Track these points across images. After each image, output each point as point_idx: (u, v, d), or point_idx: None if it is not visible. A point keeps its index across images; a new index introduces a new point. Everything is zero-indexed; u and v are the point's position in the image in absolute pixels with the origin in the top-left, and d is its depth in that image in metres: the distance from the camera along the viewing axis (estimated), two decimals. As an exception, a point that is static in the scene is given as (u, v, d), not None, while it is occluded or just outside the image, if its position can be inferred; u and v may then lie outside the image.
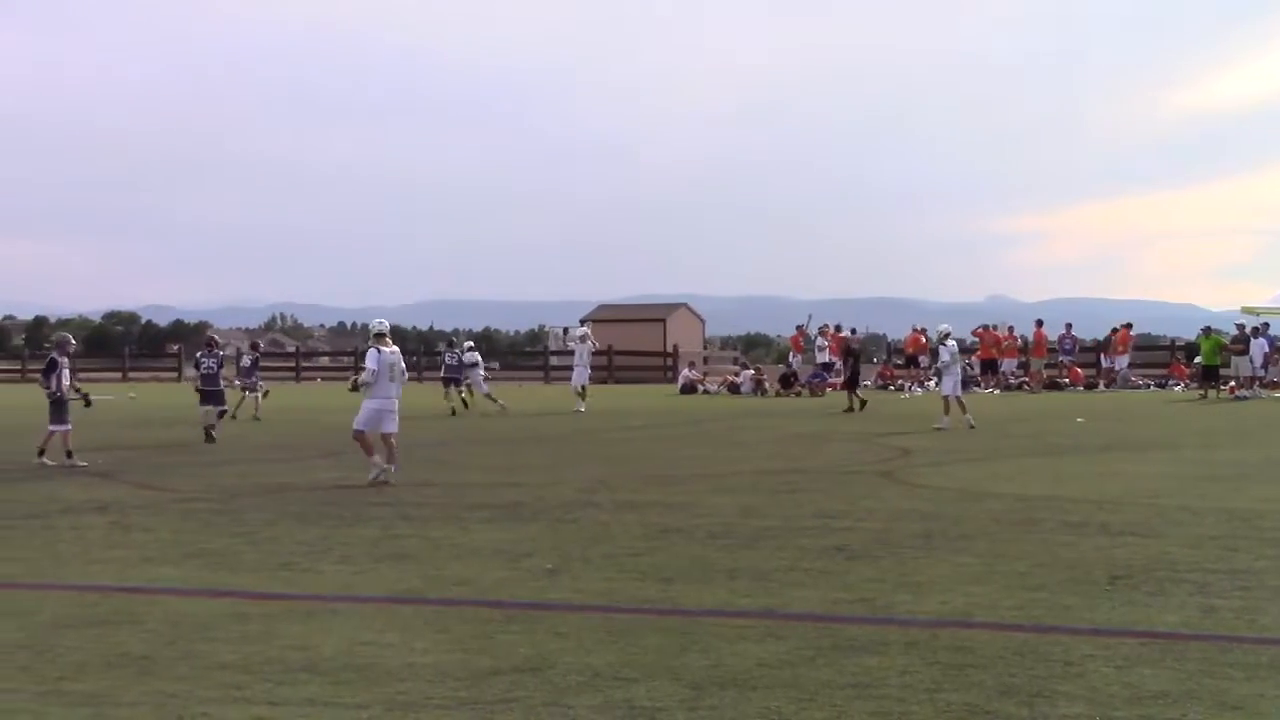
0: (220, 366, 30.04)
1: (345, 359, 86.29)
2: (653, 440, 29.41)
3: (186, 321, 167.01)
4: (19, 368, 76.07)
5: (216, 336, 33.58)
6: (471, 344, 43.26)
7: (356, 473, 20.61)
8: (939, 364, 32.64)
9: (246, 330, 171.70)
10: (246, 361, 38.53)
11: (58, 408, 23.28)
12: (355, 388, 20.74)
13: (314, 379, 67.45)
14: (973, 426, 29.50)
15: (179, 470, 21.87)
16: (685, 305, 75.19)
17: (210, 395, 29.23)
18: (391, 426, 20.01)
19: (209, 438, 28.00)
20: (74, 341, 25.15)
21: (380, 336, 20.45)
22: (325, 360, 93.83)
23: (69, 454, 22.88)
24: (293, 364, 79.36)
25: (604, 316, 70.25)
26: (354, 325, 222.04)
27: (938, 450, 24.89)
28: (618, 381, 58.95)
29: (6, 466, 22.69)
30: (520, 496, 17.70)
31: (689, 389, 50.87)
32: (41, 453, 22.89)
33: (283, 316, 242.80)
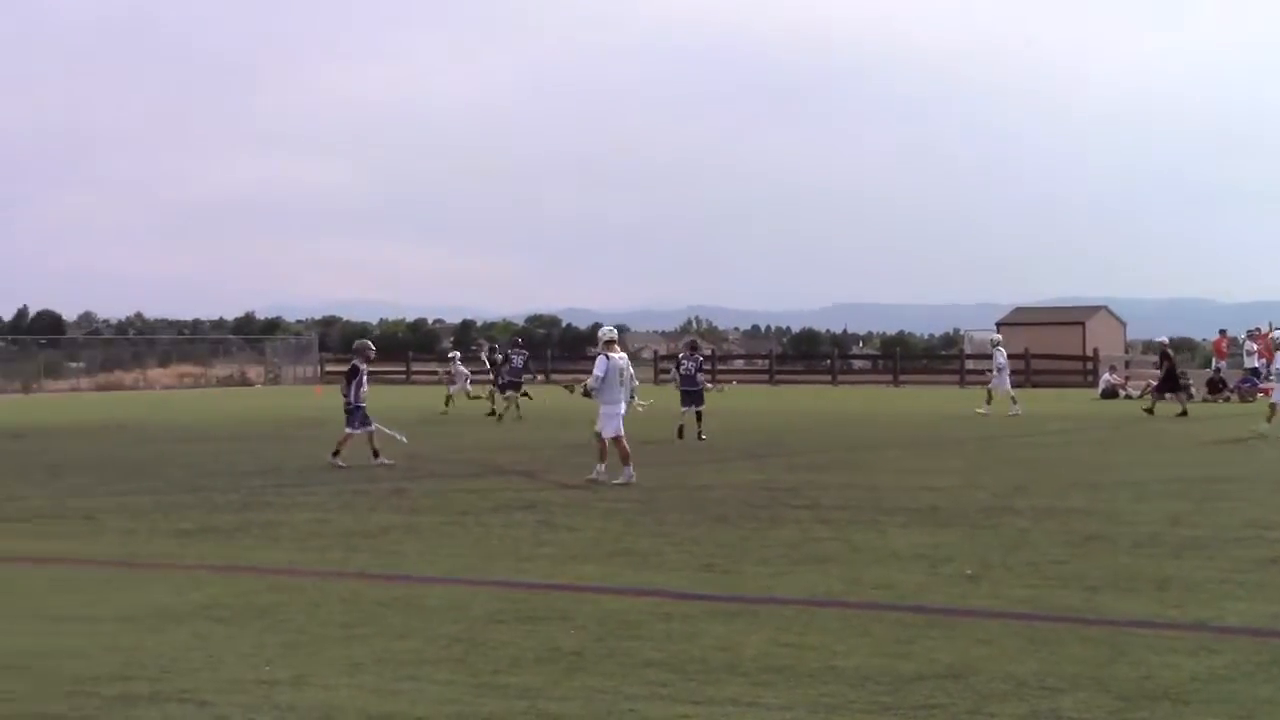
0: (699, 369, 30.93)
1: (760, 362, 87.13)
2: (1072, 445, 28.72)
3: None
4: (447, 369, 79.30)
5: (696, 339, 34.59)
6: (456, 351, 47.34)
7: (778, 475, 20.88)
8: (1275, 370, 30.99)
9: (662, 333, 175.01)
10: (518, 361, 39.39)
11: (355, 413, 24.22)
12: (587, 393, 21.06)
13: (729, 381, 68.19)
14: None
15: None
16: (1105, 308, 73.10)
17: (690, 395, 29.98)
18: (619, 429, 20.57)
19: (690, 435, 29.28)
20: (373, 348, 26.11)
21: (609, 344, 20.98)
22: (739, 363, 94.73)
23: (375, 454, 23.75)
24: (709, 367, 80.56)
25: (1020, 320, 68.99)
26: (767, 328, 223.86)
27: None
28: (1035, 385, 57.69)
29: (448, 465, 23.68)
30: (937, 501, 17.53)
31: (1110, 394, 49.40)
32: (336, 454, 23.75)
33: (698, 319, 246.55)
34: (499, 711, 7.81)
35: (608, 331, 21.66)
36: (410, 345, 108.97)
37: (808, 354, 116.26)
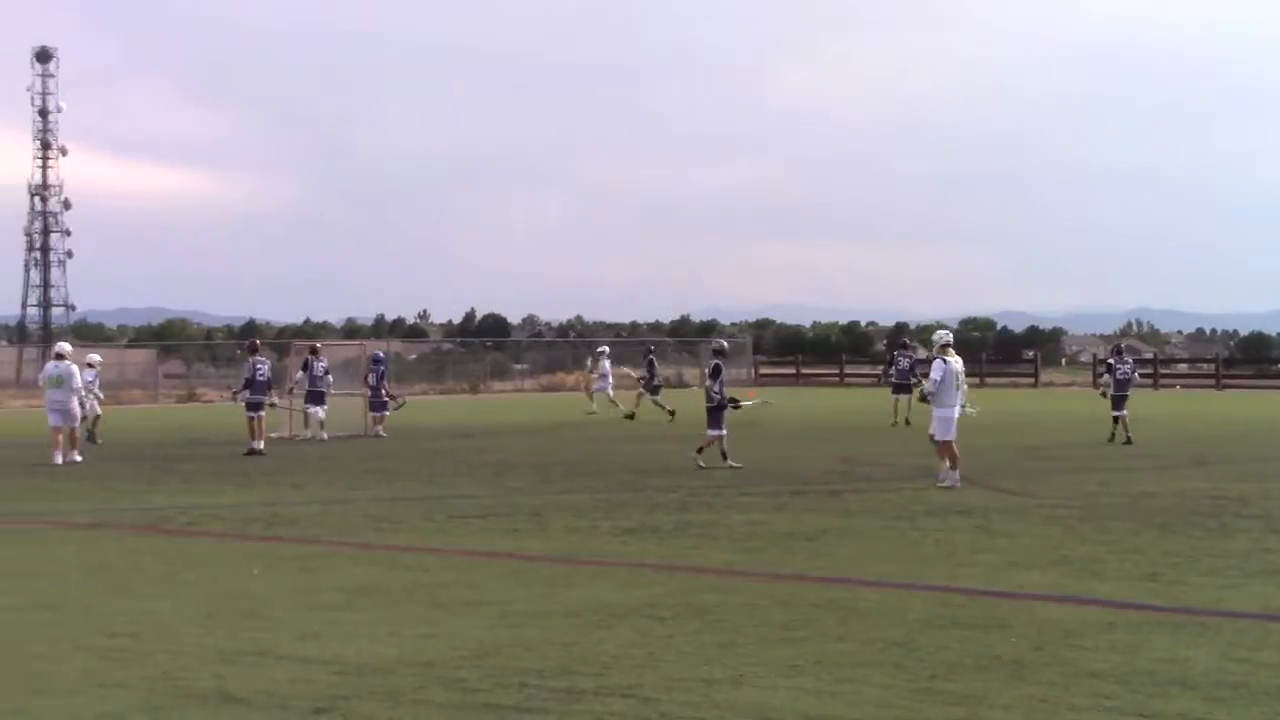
0: (1134, 371, 30.63)
1: (1204, 365, 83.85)
2: None
3: (1040, 328, 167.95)
4: (878, 374, 79.17)
5: (1128, 344, 34.01)
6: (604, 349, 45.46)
7: (1225, 484, 20.14)
8: None
9: (1101, 336, 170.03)
10: (904, 364, 38.28)
11: (716, 413, 24.28)
12: (924, 399, 21.28)
13: (1173, 386, 65.94)
14: None
15: (1041, 476, 21.98)
16: None
17: (1120, 400, 29.61)
18: (950, 434, 20.66)
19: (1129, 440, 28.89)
20: (726, 348, 26.03)
21: (945, 347, 20.93)
22: (1183, 367, 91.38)
23: (724, 456, 23.88)
24: (1150, 370, 78.10)
25: None
26: (1212, 331, 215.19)
27: None
28: None
29: (883, 469, 23.65)
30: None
31: None
32: (700, 450, 24.06)
33: (1138, 322, 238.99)
34: (937, 717, 7.74)
35: (943, 335, 21.66)
36: (844, 348, 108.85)
37: (1258, 358, 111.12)
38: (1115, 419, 29.48)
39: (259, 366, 29.40)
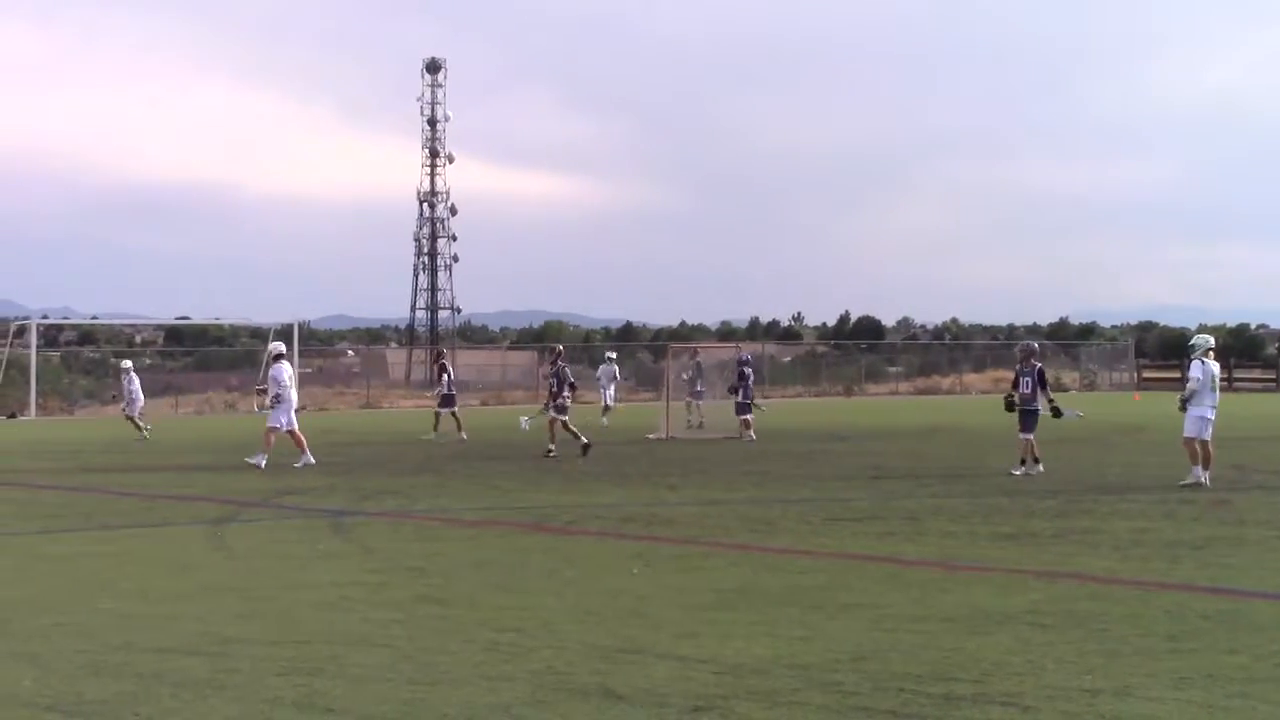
0: None
1: None
2: None
3: None
4: (1274, 376, 76.18)
5: None
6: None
7: None
8: None
9: None
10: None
11: (1028, 417, 23.96)
12: (1183, 404, 21.39)
13: None
14: None
15: None
16: None
17: None
18: (1206, 434, 21.05)
19: None
20: (1037, 348, 25.27)
21: (1208, 352, 21.36)
22: None
23: (1035, 460, 23.65)
24: None
25: None
26: None
27: None
28: None
29: (1270, 479, 22.75)
30: None
31: None
32: (1026, 461, 23.70)
33: None
34: (1339, 738, 7.39)
35: (1206, 340, 21.88)
36: (1232, 351, 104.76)
37: None
38: None
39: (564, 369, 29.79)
